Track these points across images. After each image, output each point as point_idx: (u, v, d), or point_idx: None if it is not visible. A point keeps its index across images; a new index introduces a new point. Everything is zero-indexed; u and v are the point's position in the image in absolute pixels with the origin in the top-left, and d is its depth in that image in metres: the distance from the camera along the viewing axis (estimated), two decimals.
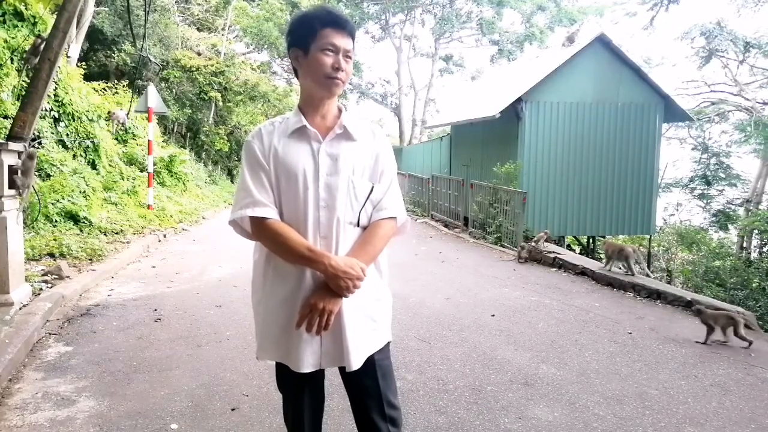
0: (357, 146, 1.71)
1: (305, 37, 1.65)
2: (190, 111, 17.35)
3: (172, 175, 12.74)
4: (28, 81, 5.34)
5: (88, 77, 11.42)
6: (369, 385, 1.74)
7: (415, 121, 28.18)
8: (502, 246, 8.93)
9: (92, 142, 9.26)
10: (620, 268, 6.28)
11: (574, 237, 13.46)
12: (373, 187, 1.71)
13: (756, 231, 14.41)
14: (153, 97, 10.43)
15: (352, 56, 1.69)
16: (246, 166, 1.69)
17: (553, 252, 7.49)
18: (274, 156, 1.66)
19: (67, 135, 8.65)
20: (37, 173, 7.44)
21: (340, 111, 1.75)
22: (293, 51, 1.70)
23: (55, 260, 5.81)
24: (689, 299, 5.20)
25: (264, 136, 1.70)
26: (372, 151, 1.73)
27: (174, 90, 17.15)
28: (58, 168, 7.82)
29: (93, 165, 9.30)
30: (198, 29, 20.24)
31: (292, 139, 1.68)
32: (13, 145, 4.20)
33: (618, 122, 11.11)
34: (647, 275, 5.93)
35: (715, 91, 19.89)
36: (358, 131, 1.72)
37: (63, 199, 7.30)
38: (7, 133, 4.73)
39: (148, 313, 4.62)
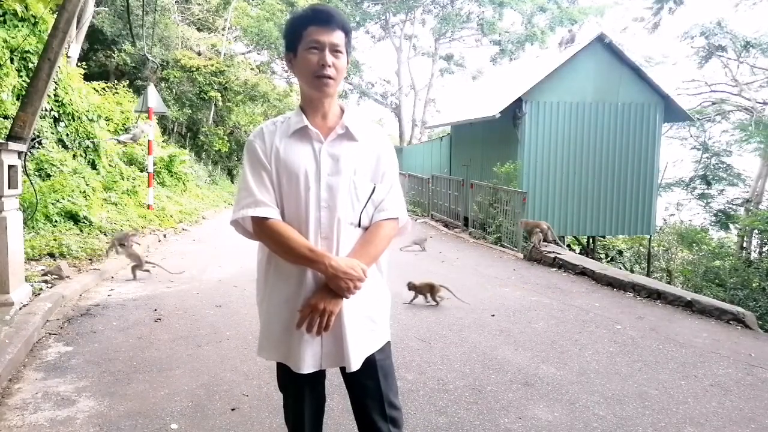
0: (359, 146, 1.70)
1: (293, 40, 1.67)
2: (190, 111, 17.35)
3: (172, 175, 12.74)
4: (28, 81, 5.33)
5: (88, 77, 11.43)
6: (370, 386, 1.74)
7: (415, 121, 28.17)
8: (502, 246, 8.93)
9: (92, 142, 9.26)
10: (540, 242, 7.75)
11: (574, 237, 13.46)
12: (374, 187, 1.70)
13: (756, 231, 14.41)
14: (153, 97, 10.44)
15: (342, 50, 1.65)
16: (248, 165, 1.69)
17: (553, 252, 7.49)
18: (276, 156, 1.66)
19: (67, 135, 8.65)
20: (37, 173, 7.45)
21: (342, 111, 1.74)
22: (286, 55, 1.72)
23: (55, 260, 5.82)
24: (689, 299, 5.19)
25: (266, 135, 1.70)
26: (374, 152, 1.73)
27: (174, 90, 17.15)
28: (58, 168, 7.82)
29: (93, 165, 9.30)
30: (198, 29, 20.23)
31: (294, 139, 1.68)
32: (13, 145, 4.20)
33: (618, 122, 11.11)
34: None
35: (715, 91, 19.87)
36: (360, 131, 1.72)
37: (63, 199, 7.30)
38: (7, 133, 4.74)
39: (148, 313, 4.62)
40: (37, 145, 7.62)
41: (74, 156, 8.74)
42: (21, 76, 7.48)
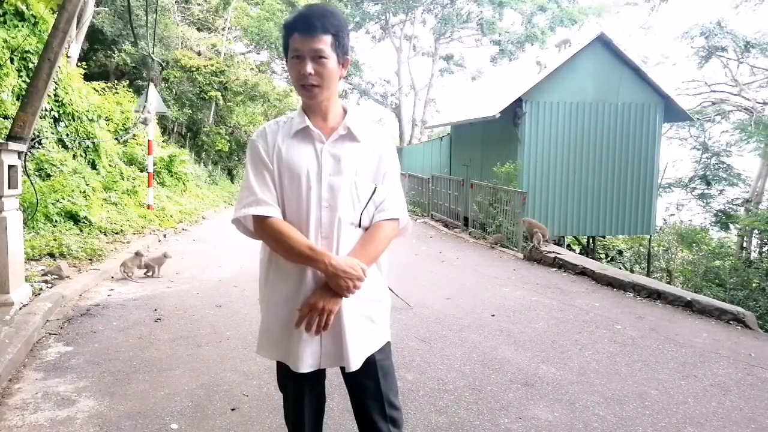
0: (360, 147, 1.71)
1: (284, 48, 1.69)
2: (190, 111, 17.36)
3: (172, 175, 12.75)
4: (28, 81, 5.33)
5: (88, 77, 11.43)
6: (370, 386, 1.75)
7: (415, 121, 28.17)
8: (502, 246, 8.93)
9: (92, 141, 9.26)
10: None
11: (574, 237, 13.46)
12: (376, 188, 1.71)
13: (756, 231, 14.40)
14: (153, 96, 10.44)
15: (326, 55, 1.60)
16: (250, 165, 1.70)
17: (553, 252, 7.49)
18: (278, 156, 1.67)
19: (67, 135, 8.65)
20: (37, 173, 7.45)
21: (345, 111, 1.74)
22: (285, 62, 1.75)
23: (55, 260, 5.82)
24: (689, 299, 5.20)
25: (268, 135, 1.70)
26: (376, 153, 1.73)
27: (174, 90, 17.16)
28: (58, 168, 7.82)
29: (93, 165, 9.30)
30: (198, 29, 20.24)
31: (296, 139, 1.68)
32: (13, 145, 4.20)
33: (618, 122, 11.11)
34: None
35: (715, 91, 19.87)
36: (362, 132, 1.72)
37: (63, 199, 7.30)
38: (7, 133, 4.74)
39: (148, 313, 4.62)
40: (37, 145, 7.62)
41: (74, 156, 8.74)
42: (21, 76, 7.48)
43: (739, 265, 11.95)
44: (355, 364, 1.66)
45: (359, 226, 1.69)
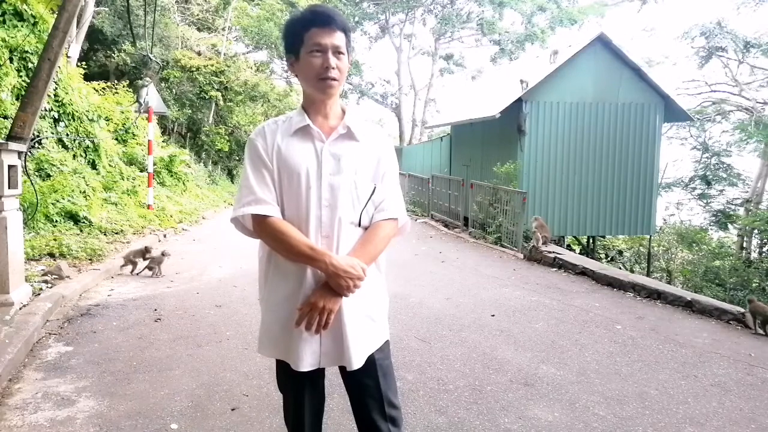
0: (360, 147, 1.71)
1: (294, 43, 1.67)
2: (190, 111, 17.35)
3: (172, 175, 12.74)
4: (28, 81, 5.32)
5: (88, 77, 11.42)
6: (369, 385, 1.74)
7: (415, 121, 28.16)
8: (502, 246, 8.94)
9: (92, 142, 9.26)
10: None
11: (574, 237, 13.46)
12: (375, 187, 1.71)
13: (756, 231, 14.41)
14: (153, 97, 10.44)
15: (344, 51, 1.65)
16: (249, 163, 1.69)
17: (553, 252, 7.49)
18: (277, 154, 1.67)
19: (67, 135, 8.65)
20: (37, 173, 7.45)
21: (343, 111, 1.75)
22: (288, 57, 1.73)
23: (55, 260, 5.81)
24: (689, 299, 5.20)
25: (267, 134, 1.70)
26: (375, 152, 1.73)
27: (174, 90, 17.15)
28: (58, 168, 7.82)
29: (93, 165, 9.30)
30: (198, 29, 20.23)
31: (296, 138, 1.68)
32: (13, 145, 4.20)
33: (618, 122, 11.11)
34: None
35: (715, 91, 19.87)
36: (361, 132, 1.72)
37: (63, 199, 7.29)
38: (7, 133, 4.74)
39: (148, 313, 4.62)
40: (37, 145, 7.62)
41: (74, 156, 8.73)
42: (21, 76, 7.48)
43: (739, 265, 11.96)
44: (357, 363, 1.66)
45: (359, 225, 1.70)
